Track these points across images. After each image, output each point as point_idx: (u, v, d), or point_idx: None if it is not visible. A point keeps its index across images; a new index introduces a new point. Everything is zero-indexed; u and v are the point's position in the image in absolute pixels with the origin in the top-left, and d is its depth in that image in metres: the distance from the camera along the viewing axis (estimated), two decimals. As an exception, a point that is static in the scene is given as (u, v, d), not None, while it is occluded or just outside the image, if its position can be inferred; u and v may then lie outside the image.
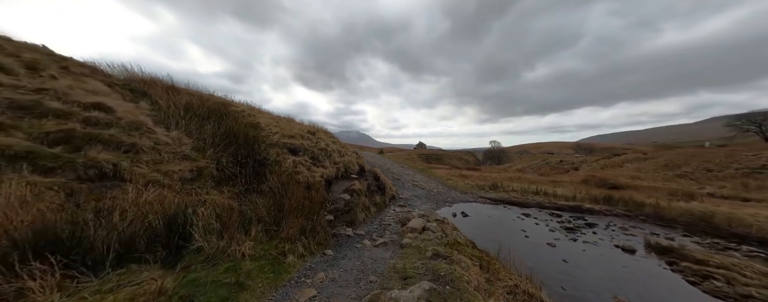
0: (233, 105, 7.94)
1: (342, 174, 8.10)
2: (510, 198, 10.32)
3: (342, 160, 8.40)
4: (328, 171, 7.20)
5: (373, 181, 9.12)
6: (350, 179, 8.25)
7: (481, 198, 10.60)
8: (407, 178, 14.14)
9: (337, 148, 9.16)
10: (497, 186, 11.97)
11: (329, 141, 9.54)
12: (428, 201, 10.10)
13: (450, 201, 10.17)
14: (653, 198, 8.90)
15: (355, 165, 9.11)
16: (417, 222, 5.52)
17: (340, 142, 10.88)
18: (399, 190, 11.62)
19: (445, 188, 12.46)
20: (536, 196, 10.38)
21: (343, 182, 7.82)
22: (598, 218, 7.89)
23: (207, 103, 6.39)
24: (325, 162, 7.64)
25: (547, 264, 4.53)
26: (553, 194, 10.46)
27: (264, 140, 6.77)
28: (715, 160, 21.82)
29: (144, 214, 3.38)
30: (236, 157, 5.68)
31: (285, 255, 3.83)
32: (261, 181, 5.57)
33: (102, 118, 4.27)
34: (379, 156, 21.06)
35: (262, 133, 7.03)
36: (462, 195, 11.09)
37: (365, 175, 9.43)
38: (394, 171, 15.73)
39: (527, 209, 9.13)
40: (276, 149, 6.66)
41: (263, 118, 8.02)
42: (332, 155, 8.42)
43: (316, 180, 6.35)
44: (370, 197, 7.94)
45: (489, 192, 11.35)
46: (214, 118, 6.11)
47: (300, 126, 9.33)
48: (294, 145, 7.20)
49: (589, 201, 9.22)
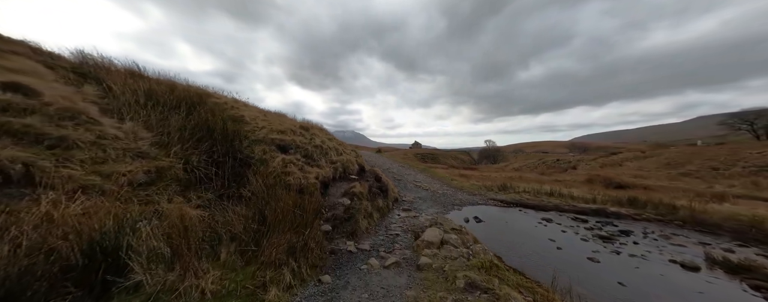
0: (213, 96, 6.81)
1: (340, 175, 7.05)
2: (523, 200, 9.39)
3: (340, 159, 7.35)
4: (324, 171, 6.14)
5: (374, 183, 8.09)
6: (350, 180, 7.20)
7: (491, 200, 9.66)
8: (409, 179, 13.14)
9: (334, 146, 8.10)
10: (507, 187, 11.06)
11: (325, 138, 8.48)
12: (435, 204, 9.10)
13: (458, 203, 9.20)
14: (683, 200, 8.04)
15: (354, 164, 8.06)
16: (433, 233, 4.51)
17: (337, 140, 9.82)
18: (401, 192, 10.61)
19: (450, 189, 11.50)
20: (551, 198, 9.47)
21: (342, 184, 6.77)
22: (629, 223, 6.98)
23: (176, 91, 5.28)
24: (321, 161, 6.59)
25: (600, 288, 3.56)
26: (569, 195, 9.57)
27: (248, 135, 5.69)
28: (718, 159, 21.30)
29: (54, 236, 2.30)
30: (211, 155, 4.59)
31: (266, 287, 2.78)
32: (242, 184, 4.49)
33: (17, 103, 3.15)
34: (377, 155, 20.04)
35: (246, 127, 5.94)
36: (470, 197, 10.13)
37: (366, 176, 8.40)
38: (394, 170, 14.72)
39: (545, 213, 8.20)
40: (262, 146, 5.57)
41: (249, 112, 6.92)
42: (329, 153, 7.36)
43: (311, 183, 5.29)
44: (372, 201, 6.91)
45: (499, 194, 10.41)
46: (185, 108, 5.00)
47: (292, 121, 8.25)
48: (284, 141, 6.12)
49: (612, 204, 8.33)
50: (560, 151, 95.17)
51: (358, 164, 8.48)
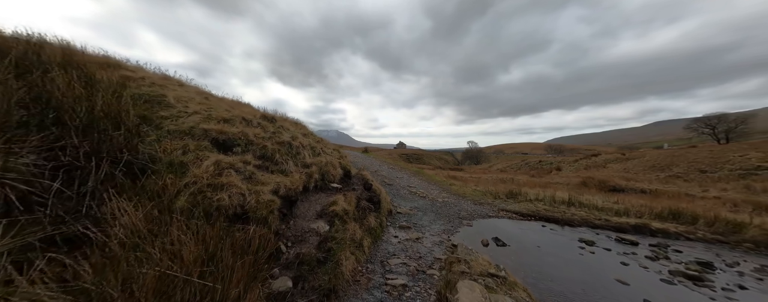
0: (123, 67, 4.47)
1: (317, 185, 4.91)
2: (540, 211, 7.70)
3: (317, 162, 5.22)
4: (290, 180, 4.00)
5: (363, 193, 6.02)
6: (330, 191, 5.09)
7: (503, 212, 7.91)
8: (401, 183, 11.17)
9: (309, 144, 5.95)
10: (515, 195, 9.39)
11: (298, 133, 6.30)
12: (437, 217, 7.19)
13: (466, 217, 7.35)
14: (727, 212, 6.65)
15: (337, 168, 5.95)
16: (473, 297, 2.53)
17: (316, 136, 7.65)
18: (394, 200, 8.62)
19: (450, 196, 9.66)
20: (572, 209, 7.85)
21: (319, 197, 4.64)
22: (689, 246, 5.41)
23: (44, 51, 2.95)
24: (287, 164, 4.43)
25: None
26: (592, 206, 7.99)
27: (162, 124, 3.44)
28: (703, 161, 21.11)
29: None
30: (57, 155, 2.37)
31: None
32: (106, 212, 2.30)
33: None
34: (364, 156, 17.92)
35: (162, 111, 3.69)
36: (477, 208, 8.33)
37: (352, 184, 6.30)
38: (384, 173, 12.70)
39: (574, 229, 6.53)
40: (184, 141, 3.35)
41: (179, 92, 4.63)
42: (301, 153, 5.21)
43: (263, 202, 3.14)
44: (362, 220, 4.85)
45: (509, 203, 8.69)
46: (13, 69, 2.68)
47: (251, 109, 6.01)
48: (226, 134, 3.90)
49: (651, 217, 6.80)
50: (537, 152, 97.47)
51: (343, 167, 6.38)
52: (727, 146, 25.63)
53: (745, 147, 22.73)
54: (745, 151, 20.64)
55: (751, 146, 22.51)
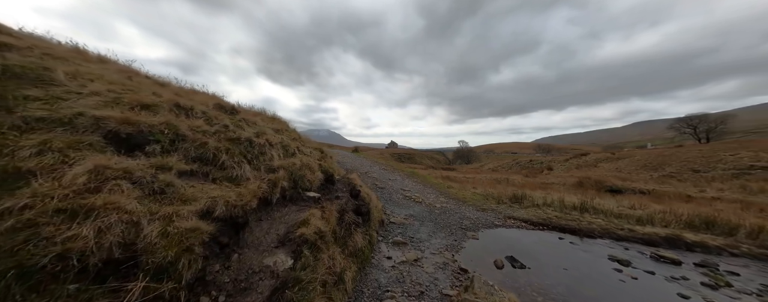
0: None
1: (285, 195, 3.68)
2: (552, 219, 6.70)
3: (287, 164, 3.98)
4: (239, 192, 2.76)
5: (349, 202, 4.82)
6: (303, 203, 3.86)
7: (511, 220, 6.88)
8: (394, 186, 10.01)
9: (281, 141, 4.70)
10: (521, 199, 8.38)
11: (268, 128, 5.04)
12: (437, 227, 6.07)
13: (470, 227, 6.25)
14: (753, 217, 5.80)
15: (314, 171, 4.71)
16: None
17: (294, 133, 6.39)
18: (387, 206, 7.46)
19: (449, 201, 8.57)
20: (588, 216, 6.88)
21: (285, 213, 3.41)
22: (741, 264, 4.48)
23: None
24: (240, 168, 3.16)
25: None
26: (611, 213, 7.04)
27: (17, 108, 2.15)
28: (695, 161, 20.87)
29: None
30: None
31: None
32: None
33: None
34: (354, 155, 16.67)
35: (28, 91, 2.39)
36: (481, 215, 7.25)
37: (335, 191, 5.09)
38: (375, 175, 11.52)
39: (595, 241, 5.54)
40: (52, 134, 2.08)
41: (83, 68, 3.30)
42: (266, 153, 3.96)
43: (173, 235, 1.91)
44: (345, 240, 3.66)
45: (515, 209, 7.66)
46: None
47: (203, 95, 4.70)
48: (135, 125, 2.59)
49: (679, 225, 5.88)
50: (526, 152, 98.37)
51: (324, 171, 5.15)
52: (716, 145, 25.70)
53: (734, 146, 22.73)
54: (735, 150, 20.51)
55: (739, 145, 22.50)
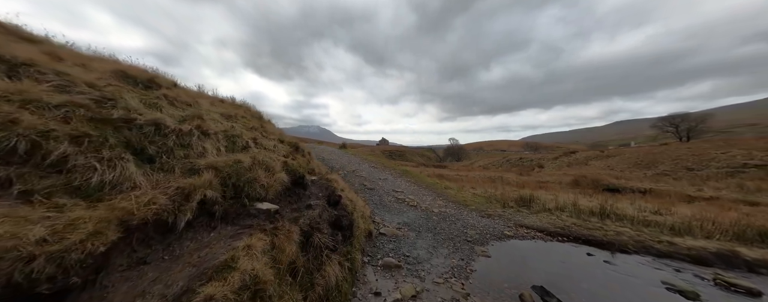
0: None
1: (213, 211, 2.33)
2: (572, 228, 5.61)
3: (223, 163, 2.62)
4: (97, 214, 1.44)
5: (325, 213, 3.50)
6: (245, 222, 2.51)
7: (523, 229, 5.76)
8: (385, 186, 8.75)
9: (227, 130, 3.33)
10: (529, 202, 7.29)
11: (215, 112, 3.66)
12: (438, 241, 4.86)
13: (477, 239, 5.08)
14: None
15: (274, 172, 3.35)
16: None
17: (256, 122, 5.00)
18: (377, 212, 6.20)
19: (448, 204, 7.38)
20: (611, 223, 5.83)
21: (205, 242, 2.04)
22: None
23: None
24: (117, 171, 1.82)
25: None
26: (631, 218, 6.01)
27: None
28: (688, 159, 20.59)
29: None
30: None
31: None
32: None
33: None
34: (341, 152, 15.32)
35: None
36: (486, 222, 6.10)
37: (305, 199, 3.75)
38: (363, 173, 10.22)
39: (629, 256, 4.48)
40: None
41: None
42: (194, 146, 2.59)
43: None
44: (311, 278, 2.37)
45: (526, 215, 6.54)
46: None
47: (100, 63, 3.25)
48: None
49: (727, 238, 4.89)
50: (514, 150, 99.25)
51: (291, 171, 3.81)
52: (702, 143, 25.72)
53: (721, 144, 22.66)
54: (726, 148, 20.33)
55: (727, 143, 22.44)
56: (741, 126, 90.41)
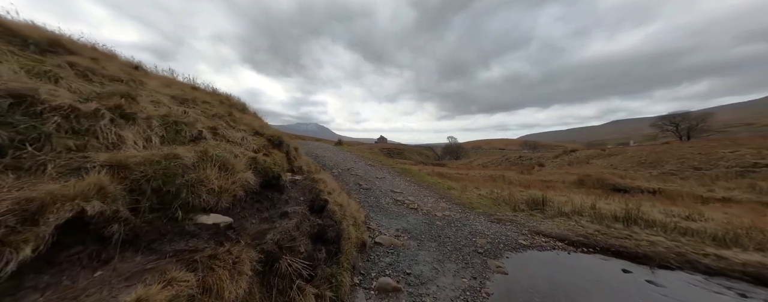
0: None
1: (112, 235, 1.50)
2: (596, 236, 4.84)
3: (142, 158, 1.78)
4: None
5: (304, 223, 2.68)
6: (175, 246, 1.68)
7: (541, 237, 4.98)
8: (382, 186, 7.94)
9: (168, 114, 2.47)
10: (541, 204, 6.52)
11: (164, 95, 2.81)
12: (444, 252, 4.07)
13: (488, 249, 4.30)
14: None
15: (235, 172, 2.49)
16: None
17: (227, 107, 4.15)
18: (372, 216, 5.40)
19: (452, 206, 6.60)
20: (639, 231, 5.07)
21: (66, 294, 1.26)
22: None
23: None
24: None
25: None
26: (661, 224, 5.25)
27: None
28: (694, 158, 19.94)
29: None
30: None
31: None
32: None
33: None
34: (337, 148, 14.48)
35: None
36: (497, 228, 5.33)
37: (280, 205, 2.92)
38: (359, 172, 9.41)
39: (677, 276, 3.73)
40: None
41: None
42: (99, 134, 1.74)
43: None
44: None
45: (541, 220, 5.75)
46: None
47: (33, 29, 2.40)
48: None
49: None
50: (512, 148, 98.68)
51: (262, 172, 2.98)
52: (703, 142, 25.13)
53: (726, 143, 22.06)
54: (734, 147, 19.70)
55: (733, 142, 21.84)
56: (737, 125, 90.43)
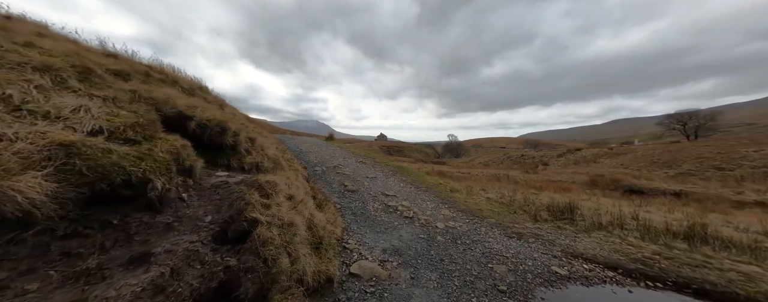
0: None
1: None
2: (662, 264, 3.49)
3: None
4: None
5: (184, 273, 1.33)
6: None
7: (581, 261, 3.64)
8: (372, 188, 6.56)
9: None
10: (569, 212, 5.13)
11: None
12: (449, 291, 2.71)
13: (515, 287, 2.97)
14: None
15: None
16: None
17: (178, 77, 2.74)
18: (353, 229, 4.03)
19: (457, 215, 5.24)
20: (714, 253, 3.72)
21: None
22: None
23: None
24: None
25: None
26: (738, 244, 3.90)
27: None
28: (714, 157, 18.52)
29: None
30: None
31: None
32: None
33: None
34: (325, 143, 13.11)
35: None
36: (517, 246, 3.98)
37: (155, 231, 1.53)
38: (347, 171, 8.03)
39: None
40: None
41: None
42: None
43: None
44: None
45: (574, 236, 4.38)
46: None
47: None
48: None
49: None
50: (513, 147, 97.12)
51: (103, 174, 1.65)
52: (728, 141, 23.69)
53: (746, 141, 20.64)
54: (758, 146, 18.26)
55: (753, 141, 20.41)
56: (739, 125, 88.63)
